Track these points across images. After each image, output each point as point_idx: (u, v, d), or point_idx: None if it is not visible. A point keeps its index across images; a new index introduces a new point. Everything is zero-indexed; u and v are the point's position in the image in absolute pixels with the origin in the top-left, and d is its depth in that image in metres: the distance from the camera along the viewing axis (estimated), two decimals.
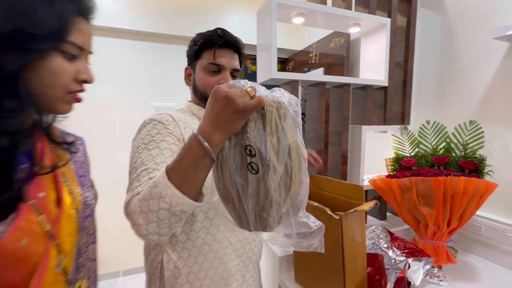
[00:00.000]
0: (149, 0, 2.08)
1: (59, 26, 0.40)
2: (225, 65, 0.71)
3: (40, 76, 0.40)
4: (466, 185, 0.80)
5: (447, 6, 1.21)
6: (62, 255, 0.42)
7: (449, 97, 1.22)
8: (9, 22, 0.36)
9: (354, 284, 0.73)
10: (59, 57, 0.41)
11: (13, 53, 0.37)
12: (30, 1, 0.38)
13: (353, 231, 0.70)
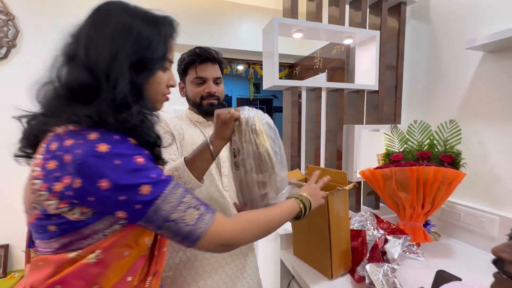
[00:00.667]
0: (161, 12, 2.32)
1: (165, 49, 0.56)
2: (207, 77, 0.90)
3: (151, 86, 0.56)
4: (435, 174, 0.95)
5: (433, 18, 1.36)
6: None
7: (435, 99, 1.37)
8: (138, 52, 0.51)
9: (339, 251, 0.90)
10: (161, 71, 0.57)
11: (142, 73, 0.52)
12: (149, 34, 0.53)
13: (337, 207, 0.87)
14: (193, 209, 0.51)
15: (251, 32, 2.55)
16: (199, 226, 0.51)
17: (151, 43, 0.53)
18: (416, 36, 1.46)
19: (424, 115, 1.41)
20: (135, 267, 0.53)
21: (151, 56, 0.53)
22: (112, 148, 0.46)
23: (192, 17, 2.38)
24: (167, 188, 0.49)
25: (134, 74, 0.51)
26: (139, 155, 0.49)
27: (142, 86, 0.53)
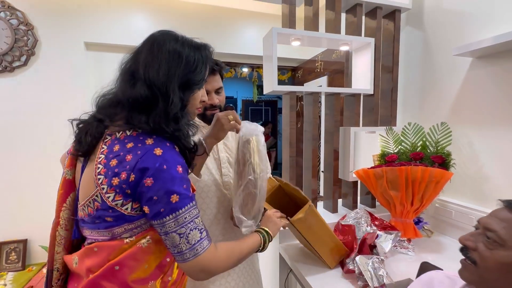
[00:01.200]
0: (172, 20, 2.43)
1: (205, 74, 0.68)
2: (209, 89, 0.96)
3: (192, 102, 0.68)
4: (423, 173, 1.02)
5: (426, 25, 1.42)
6: None
7: (428, 102, 1.43)
8: (187, 75, 0.63)
9: (328, 250, 0.97)
10: (199, 89, 0.69)
11: (187, 91, 0.64)
12: (195, 59, 0.65)
13: (306, 224, 0.91)
14: (197, 231, 0.59)
15: (254, 37, 2.64)
16: (196, 248, 0.58)
17: (197, 67, 0.65)
18: (410, 41, 1.52)
19: (418, 118, 1.47)
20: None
21: (196, 78, 0.65)
22: (164, 153, 0.57)
23: (198, 24, 2.49)
24: (189, 204, 0.58)
25: (182, 92, 0.63)
26: (180, 165, 0.58)
27: (187, 102, 0.65)
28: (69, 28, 2.13)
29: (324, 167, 1.54)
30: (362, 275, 0.89)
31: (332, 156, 1.45)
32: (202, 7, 2.48)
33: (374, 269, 0.89)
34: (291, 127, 1.35)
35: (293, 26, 1.33)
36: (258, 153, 0.82)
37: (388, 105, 1.53)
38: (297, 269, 1.05)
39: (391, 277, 0.90)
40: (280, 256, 1.24)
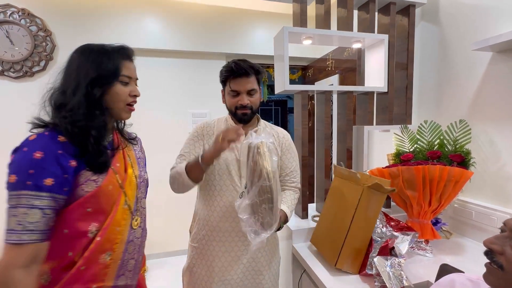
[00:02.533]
0: (182, 22, 2.46)
1: (116, 69, 0.71)
2: (240, 90, 0.98)
3: (111, 96, 0.72)
4: (441, 172, 0.99)
5: (442, 20, 1.38)
6: (128, 199, 0.74)
7: (445, 99, 1.38)
8: (95, 71, 0.69)
9: (350, 248, 0.96)
10: (118, 84, 0.72)
11: (97, 87, 0.69)
12: (102, 59, 0.70)
13: (368, 206, 0.93)
14: (14, 221, 0.58)
15: (263, 37, 2.64)
16: (7, 236, 0.58)
17: (104, 65, 0.70)
18: (425, 37, 1.48)
19: (434, 116, 1.43)
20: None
21: (103, 74, 0.70)
22: (35, 138, 0.63)
23: (208, 25, 2.51)
24: (22, 190, 0.58)
25: (90, 88, 0.68)
26: (43, 152, 0.60)
27: (97, 96, 0.69)
28: (84, 33, 2.20)
29: None
30: (380, 276, 0.88)
31: (345, 156, 1.42)
32: (212, 8, 2.50)
33: (393, 270, 0.87)
34: (303, 126, 1.34)
35: (305, 24, 1.33)
36: (269, 159, 0.81)
37: (402, 103, 1.49)
38: (311, 269, 1.04)
39: (410, 279, 0.88)
40: (293, 256, 1.24)
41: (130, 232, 0.75)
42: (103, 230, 0.68)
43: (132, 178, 0.77)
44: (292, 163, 1.10)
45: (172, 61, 2.53)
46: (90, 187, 0.67)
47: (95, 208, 0.68)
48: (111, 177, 0.70)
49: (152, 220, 2.52)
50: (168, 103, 2.55)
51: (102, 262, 0.68)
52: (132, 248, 0.76)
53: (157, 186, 2.45)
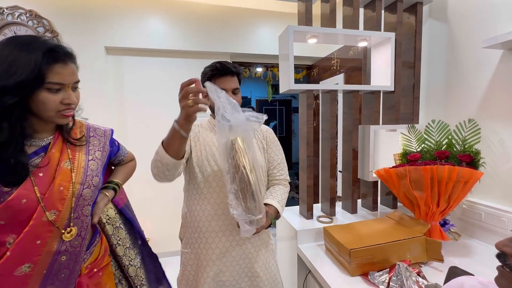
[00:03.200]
0: (187, 22, 2.46)
1: (38, 76, 0.61)
2: (226, 89, 0.96)
3: (35, 104, 0.64)
4: (450, 173, 0.97)
5: (450, 17, 1.35)
6: (49, 214, 0.66)
7: (453, 98, 1.35)
8: (6, 77, 0.60)
9: (373, 255, 0.95)
10: (45, 92, 0.63)
11: (7, 96, 0.60)
12: (18, 63, 0.60)
13: (415, 250, 0.97)
14: None
15: (268, 37, 2.63)
16: None
17: (16, 70, 0.60)
18: (433, 35, 1.45)
19: (442, 115, 1.40)
20: None
21: (16, 81, 0.60)
22: None
23: (213, 25, 2.51)
24: None
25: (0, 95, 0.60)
26: None
27: (11, 104, 0.61)
28: (90, 33, 2.22)
29: (342, 167, 1.51)
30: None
31: (351, 156, 1.41)
32: (216, 8, 2.50)
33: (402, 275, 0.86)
34: (308, 126, 1.33)
35: (310, 23, 1.31)
36: (246, 153, 0.79)
37: (409, 102, 1.47)
38: (317, 270, 1.02)
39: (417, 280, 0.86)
40: (298, 257, 1.23)
41: (60, 243, 0.69)
42: (15, 245, 0.63)
43: (66, 187, 0.70)
44: (278, 156, 1.11)
45: (176, 61, 2.54)
46: (2, 199, 0.62)
47: (8, 221, 0.63)
48: (26, 189, 0.64)
49: (154, 220, 2.54)
50: (172, 103, 2.55)
51: (20, 274, 0.64)
52: (65, 258, 0.71)
53: (160, 186, 2.47)
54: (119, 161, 0.98)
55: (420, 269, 0.93)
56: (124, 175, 0.98)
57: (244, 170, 0.77)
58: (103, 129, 0.88)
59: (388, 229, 1.07)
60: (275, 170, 1.09)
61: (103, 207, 0.83)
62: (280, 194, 1.03)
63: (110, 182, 0.92)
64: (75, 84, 0.70)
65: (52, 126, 0.74)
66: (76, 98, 0.70)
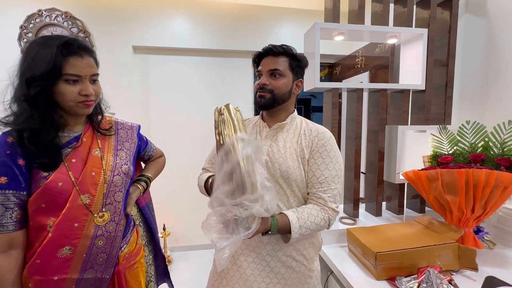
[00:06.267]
0: (211, 20, 2.50)
1: (55, 68, 0.66)
2: (262, 70, 0.86)
3: (57, 95, 0.69)
4: (488, 177, 0.91)
5: (490, 11, 1.27)
6: (84, 197, 0.71)
7: (491, 98, 1.27)
8: (30, 70, 0.66)
9: (402, 258, 0.91)
10: (63, 83, 0.68)
11: (31, 86, 0.66)
12: (39, 57, 0.66)
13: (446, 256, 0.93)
14: None
15: (290, 34, 2.61)
16: None
17: (37, 63, 0.66)
18: (469, 31, 1.37)
19: (478, 116, 1.32)
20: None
21: (37, 74, 0.66)
22: None
23: (236, 23, 2.52)
24: None
25: (27, 87, 0.66)
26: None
27: (38, 96, 0.67)
28: (119, 34, 2.32)
29: (366, 168, 1.47)
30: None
31: (376, 157, 1.37)
32: (239, 6, 2.51)
33: (433, 281, 0.82)
34: (332, 124, 1.30)
35: (337, 20, 1.28)
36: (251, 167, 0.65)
37: (441, 102, 1.40)
38: (340, 271, 1.01)
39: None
40: (320, 257, 1.21)
41: (96, 227, 0.73)
42: (55, 226, 0.68)
43: (98, 173, 0.75)
44: (324, 172, 0.82)
45: (199, 59, 2.58)
46: (41, 183, 0.67)
47: (48, 204, 0.68)
48: (61, 174, 0.69)
49: (177, 214, 2.62)
50: (195, 100, 2.61)
51: (62, 256, 0.69)
52: (102, 243, 0.75)
53: (183, 181, 2.54)
54: (148, 156, 1.02)
55: (452, 277, 0.89)
56: (155, 170, 1.02)
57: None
58: (130, 123, 0.93)
59: (417, 234, 1.03)
60: (313, 189, 0.83)
61: (135, 198, 0.88)
62: (306, 215, 0.78)
63: (142, 175, 0.96)
64: (93, 77, 0.73)
65: (82, 120, 0.79)
66: (95, 90, 0.74)
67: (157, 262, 1.07)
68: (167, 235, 2.46)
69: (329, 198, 0.81)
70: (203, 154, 1.04)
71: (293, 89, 0.88)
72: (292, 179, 0.82)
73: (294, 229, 0.75)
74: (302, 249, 0.87)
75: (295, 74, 0.87)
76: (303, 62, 0.88)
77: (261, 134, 0.91)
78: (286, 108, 0.89)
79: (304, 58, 0.89)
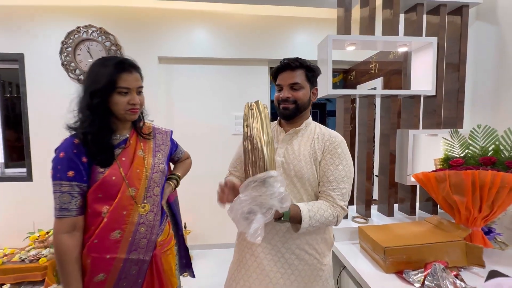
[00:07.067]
0: (230, 31, 2.65)
1: (111, 83, 0.82)
2: (282, 84, 0.95)
3: (112, 105, 0.84)
4: (493, 178, 0.96)
5: (501, 19, 1.31)
6: (131, 189, 0.86)
7: (503, 102, 1.30)
8: (93, 84, 0.82)
9: (410, 253, 0.98)
10: (117, 95, 0.83)
11: (94, 98, 0.81)
12: (99, 74, 0.82)
13: (454, 254, 0.98)
14: (55, 201, 0.81)
15: (304, 42, 2.71)
16: (54, 212, 0.81)
17: (98, 79, 0.82)
18: (481, 37, 1.41)
19: (489, 120, 1.35)
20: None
21: (98, 88, 0.82)
22: (61, 143, 0.84)
23: (253, 33, 2.67)
24: (56, 181, 0.80)
25: (90, 99, 0.82)
26: (63, 152, 0.81)
27: (99, 105, 0.82)
28: (146, 46, 2.53)
29: (379, 170, 1.53)
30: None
31: (388, 159, 1.43)
32: (254, 17, 2.66)
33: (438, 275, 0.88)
34: (344, 129, 1.38)
35: (349, 31, 1.37)
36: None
37: (453, 107, 1.44)
38: (352, 266, 1.08)
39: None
40: (333, 253, 1.28)
41: (139, 216, 0.88)
42: (109, 212, 0.83)
43: (141, 170, 0.90)
44: (334, 171, 0.90)
45: (219, 68, 2.75)
46: (99, 177, 0.83)
47: (104, 194, 0.83)
48: (114, 170, 0.85)
49: (197, 214, 2.76)
50: (214, 106, 2.77)
51: (113, 238, 0.84)
52: (144, 229, 0.89)
53: (202, 182, 2.68)
54: (178, 158, 1.16)
55: (459, 273, 0.94)
56: (183, 170, 1.16)
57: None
58: (165, 129, 1.09)
59: (426, 232, 1.09)
60: (324, 187, 0.91)
61: (168, 193, 1.01)
62: (316, 207, 0.86)
63: (173, 174, 1.10)
64: (139, 89, 0.89)
65: (129, 125, 0.95)
66: (140, 100, 0.90)
67: (180, 253, 1.20)
68: (187, 233, 2.61)
69: (337, 196, 0.89)
70: (222, 158, 1.14)
71: (311, 97, 0.99)
72: (305, 178, 0.91)
73: (304, 219, 0.83)
74: (315, 243, 0.95)
75: (311, 83, 0.98)
76: (317, 71, 0.99)
77: (278, 138, 1.01)
78: (303, 115, 1.00)
79: (317, 68, 0.99)
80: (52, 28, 2.42)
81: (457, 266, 0.99)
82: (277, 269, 0.92)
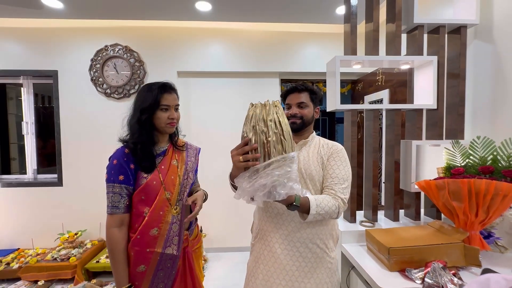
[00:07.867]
0: (243, 47, 2.84)
1: (156, 102, 1.01)
2: (291, 103, 1.16)
3: (155, 120, 1.03)
4: (488, 186, 1.06)
5: (496, 38, 1.42)
6: (167, 192, 1.02)
7: (500, 115, 1.40)
8: (143, 103, 1.01)
9: (412, 254, 1.10)
10: (160, 111, 1.02)
11: (144, 114, 1.00)
12: (147, 94, 1.02)
13: (453, 254, 1.08)
14: (109, 200, 0.99)
15: (314, 55, 2.86)
16: (107, 209, 0.99)
17: (146, 98, 1.03)
18: (479, 54, 1.52)
19: (488, 131, 1.45)
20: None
21: (147, 106, 1.02)
22: (115, 152, 1.02)
23: (265, 48, 2.84)
24: (109, 183, 0.98)
25: (140, 115, 1.01)
26: (116, 159, 0.98)
27: (146, 120, 1.01)
28: (166, 62, 2.74)
29: (385, 178, 1.64)
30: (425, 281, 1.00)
31: (393, 167, 1.54)
32: (266, 33, 2.84)
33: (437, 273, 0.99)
34: (352, 140, 1.51)
35: (355, 51, 1.51)
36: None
37: (454, 119, 1.54)
38: (361, 266, 1.19)
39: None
40: (342, 255, 1.40)
41: (172, 216, 1.04)
42: (150, 212, 0.99)
43: (175, 177, 1.06)
44: (335, 170, 1.07)
45: (233, 81, 2.93)
46: (143, 182, 1.00)
47: (146, 196, 0.99)
48: (155, 175, 1.02)
49: (211, 218, 2.91)
50: (228, 117, 2.94)
51: (152, 235, 1.00)
52: (176, 228, 1.05)
53: (218, 189, 2.83)
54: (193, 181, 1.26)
55: (457, 272, 1.04)
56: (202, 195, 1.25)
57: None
58: (195, 146, 1.27)
59: (427, 235, 1.19)
60: (327, 182, 1.07)
61: (202, 198, 1.14)
62: (321, 198, 0.99)
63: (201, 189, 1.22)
64: (176, 106, 1.09)
65: (166, 138, 1.13)
66: (177, 115, 1.09)
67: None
68: (203, 237, 2.76)
69: (338, 189, 1.04)
70: None
71: (314, 115, 1.19)
72: (316, 179, 1.08)
73: (312, 205, 0.94)
74: (324, 238, 1.10)
75: (314, 103, 1.19)
76: (319, 94, 1.21)
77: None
78: (309, 129, 1.19)
79: (319, 91, 1.21)
80: (83, 47, 2.66)
81: (456, 266, 1.09)
82: (293, 262, 1.06)
